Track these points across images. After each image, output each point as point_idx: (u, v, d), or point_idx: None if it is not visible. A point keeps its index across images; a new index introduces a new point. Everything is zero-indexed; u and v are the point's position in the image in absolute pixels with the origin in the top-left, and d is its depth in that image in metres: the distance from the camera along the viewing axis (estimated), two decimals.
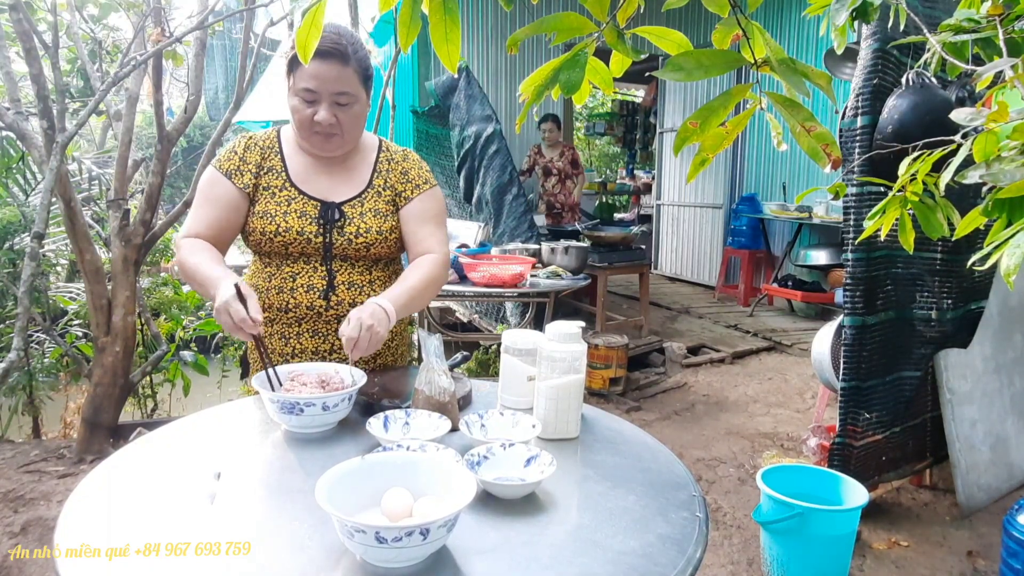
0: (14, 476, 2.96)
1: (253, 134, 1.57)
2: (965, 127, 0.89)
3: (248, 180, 1.51)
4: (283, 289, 1.51)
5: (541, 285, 3.59)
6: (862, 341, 2.41)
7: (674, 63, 0.86)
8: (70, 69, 4.43)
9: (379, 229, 1.54)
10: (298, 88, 1.43)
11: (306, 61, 0.89)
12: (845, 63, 4.53)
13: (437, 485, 0.92)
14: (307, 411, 1.19)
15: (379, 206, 1.56)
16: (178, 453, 1.16)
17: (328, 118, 1.44)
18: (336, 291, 1.53)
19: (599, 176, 11.55)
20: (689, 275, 7.34)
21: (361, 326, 1.29)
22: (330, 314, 1.53)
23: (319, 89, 1.43)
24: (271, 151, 1.55)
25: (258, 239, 1.51)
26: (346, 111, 1.46)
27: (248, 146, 1.54)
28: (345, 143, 1.52)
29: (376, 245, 1.54)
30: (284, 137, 1.58)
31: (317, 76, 1.41)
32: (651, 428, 3.57)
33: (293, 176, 1.53)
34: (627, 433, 1.30)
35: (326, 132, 1.47)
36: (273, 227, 1.49)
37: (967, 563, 2.38)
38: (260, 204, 1.51)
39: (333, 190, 1.54)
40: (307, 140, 1.50)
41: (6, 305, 4.23)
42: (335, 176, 1.55)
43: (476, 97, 4.83)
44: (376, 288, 1.57)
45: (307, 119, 1.45)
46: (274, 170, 1.53)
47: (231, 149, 1.54)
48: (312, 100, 1.44)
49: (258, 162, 1.53)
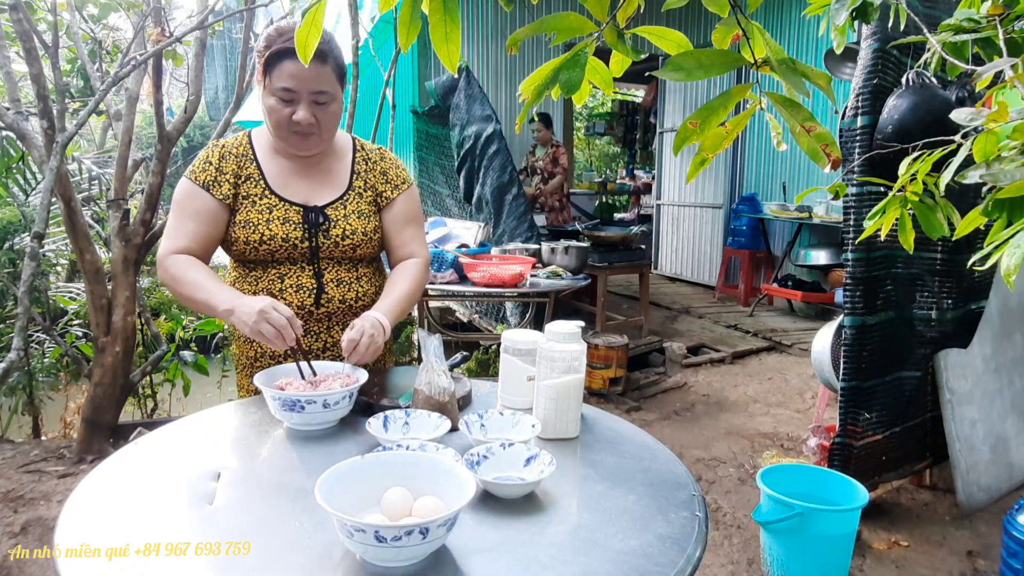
0: (14, 476, 2.96)
1: (224, 142, 1.54)
2: (965, 127, 0.89)
3: (227, 190, 1.48)
4: (271, 292, 1.50)
5: (541, 285, 3.59)
6: (862, 341, 2.41)
7: (674, 63, 0.86)
8: (70, 69, 4.42)
9: (364, 230, 1.55)
10: (275, 88, 1.42)
11: (306, 61, 0.89)
12: (845, 63, 4.53)
13: (437, 485, 0.92)
14: (308, 408, 1.20)
15: (362, 207, 1.56)
16: (178, 453, 1.16)
17: (307, 117, 1.43)
18: (326, 290, 1.53)
19: (599, 176, 11.55)
20: (689, 275, 7.34)
21: (363, 332, 1.34)
22: (321, 312, 1.53)
23: (298, 88, 1.42)
24: (246, 159, 1.52)
25: (242, 248, 1.49)
26: (324, 110, 1.46)
27: (222, 155, 1.50)
28: (322, 142, 1.51)
29: (362, 246, 1.55)
30: (256, 142, 1.55)
31: (296, 75, 1.40)
32: (651, 428, 3.57)
33: (271, 182, 1.51)
34: (627, 433, 1.30)
35: (304, 132, 1.46)
36: (257, 236, 1.47)
37: (967, 563, 2.38)
38: (241, 214, 1.48)
39: (313, 194, 1.53)
40: (284, 140, 1.48)
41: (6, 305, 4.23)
42: (313, 179, 1.54)
43: (476, 97, 4.83)
44: (364, 284, 1.58)
45: (285, 119, 1.44)
46: (252, 178, 1.51)
47: (204, 160, 1.50)
48: (290, 100, 1.43)
49: (235, 171, 1.50)
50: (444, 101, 5.12)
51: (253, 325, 1.28)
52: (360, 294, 1.57)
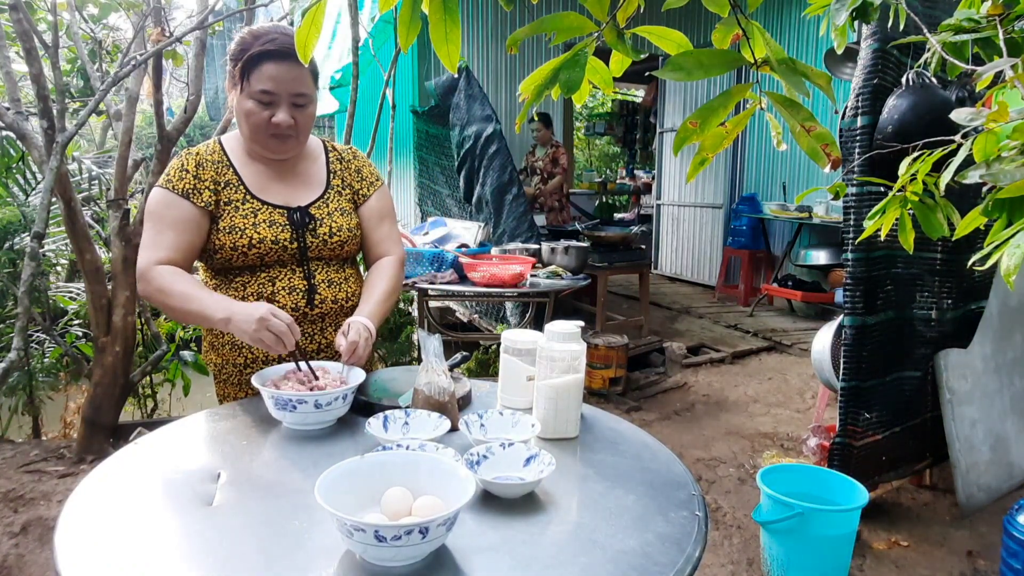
0: (14, 476, 2.96)
1: (198, 149, 1.52)
2: (965, 127, 0.89)
3: (208, 197, 1.46)
4: (263, 295, 1.48)
5: (541, 285, 3.59)
6: (862, 341, 2.41)
7: (674, 63, 0.86)
8: (70, 69, 4.43)
9: (349, 227, 1.57)
10: (254, 90, 1.41)
11: (306, 61, 0.89)
12: (845, 63, 4.53)
13: (436, 484, 0.92)
14: (300, 408, 1.20)
15: (343, 205, 1.58)
16: (178, 453, 1.16)
17: (287, 119, 1.43)
18: (318, 291, 1.53)
19: (599, 176, 11.56)
20: (689, 275, 7.34)
21: (360, 335, 1.36)
22: (315, 313, 1.53)
23: (278, 90, 1.41)
24: (222, 165, 1.50)
25: (228, 255, 1.47)
26: (302, 112, 1.47)
27: (199, 163, 1.48)
28: (299, 144, 1.52)
29: (349, 243, 1.57)
30: (229, 149, 1.53)
31: (276, 78, 1.40)
32: (651, 428, 3.57)
33: (250, 187, 1.51)
34: (627, 433, 1.30)
35: (283, 134, 1.45)
36: (245, 240, 1.46)
37: (967, 563, 2.38)
38: (225, 220, 1.47)
39: (293, 195, 1.53)
40: (261, 144, 1.48)
41: (6, 305, 4.23)
42: (289, 182, 1.55)
43: (476, 97, 4.83)
44: (352, 284, 1.59)
45: (263, 121, 1.43)
46: (231, 184, 1.49)
47: (180, 168, 1.47)
48: (269, 102, 1.42)
49: (213, 178, 1.48)
50: (444, 101, 5.12)
51: (253, 333, 1.27)
52: (350, 294, 1.58)
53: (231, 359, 1.54)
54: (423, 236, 4.06)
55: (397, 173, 6.58)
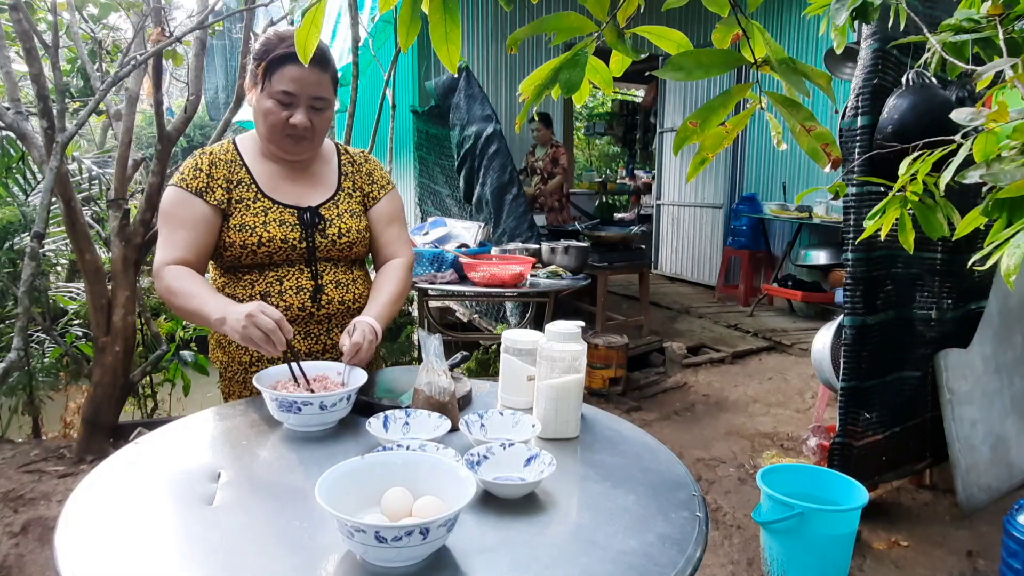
0: (14, 476, 2.96)
1: (212, 149, 1.54)
2: (965, 127, 0.89)
3: (221, 196, 1.48)
4: (270, 294, 1.50)
5: (541, 285, 3.59)
6: (862, 341, 2.41)
7: (674, 63, 0.86)
8: (70, 69, 4.43)
9: (358, 229, 1.58)
10: (275, 91, 1.43)
11: (306, 60, 0.89)
12: (845, 63, 4.53)
13: (437, 485, 0.92)
14: (304, 410, 1.20)
15: (352, 207, 1.59)
16: (178, 453, 1.16)
17: (304, 121, 1.46)
18: (325, 291, 1.54)
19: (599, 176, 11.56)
20: (689, 275, 7.34)
21: (364, 336, 1.37)
22: (321, 314, 1.54)
23: (298, 92, 1.44)
24: (235, 164, 1.52)
25: (238, 253, 1.48)
26: (320, 115, 1.49)
27: (212, 162, 1.50)
28: (313, 147, 1.54)
29: (357, 244, 1.58)
30: (242, 148, 1.55)
31: (298, 80, 1.42)
32: (651, 428, 3.57)
33: (262, 186, 1.52)
34: (627, 433, 1.30)
35: (299, 135, 1.47)
36: (255, 239, 1.47)
37: (967, 563, 2.38)
38: (235, 218, 1.48)
39: (304, 196, 1.55)
40: (277, 143, 1.50)
41: (6, 305, 4.23)
42: (301, 183, 1.56)
43: (476, 97, 4.83)
44: (359, 285, 1.60)
45: (281, 122, 1.45)
46: (243, 183, 1.51)
47: (194, 167, 1.49)
48: (289, 103, 1.45)
49: (226, 176, 1.50)
50: (444, 101, 5.12)
51: (242, 330, 1.26)
52: (357, 296, 1.59)
53: (237, 357, 1.55)
54: (423, 236, 4.06)
55: (397, 173, 6.58)
